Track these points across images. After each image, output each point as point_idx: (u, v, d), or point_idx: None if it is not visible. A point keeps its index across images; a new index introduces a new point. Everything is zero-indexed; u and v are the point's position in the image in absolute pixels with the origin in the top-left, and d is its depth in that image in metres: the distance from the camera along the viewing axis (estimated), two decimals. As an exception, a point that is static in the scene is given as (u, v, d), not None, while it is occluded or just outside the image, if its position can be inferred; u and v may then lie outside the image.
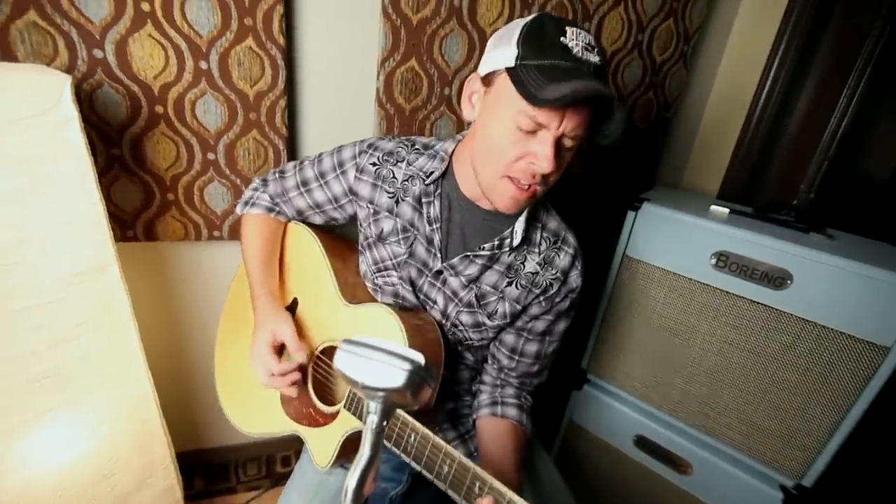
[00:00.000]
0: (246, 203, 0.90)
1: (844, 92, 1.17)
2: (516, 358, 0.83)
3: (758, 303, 0.97)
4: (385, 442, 0.67)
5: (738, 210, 1.10)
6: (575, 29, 0.62)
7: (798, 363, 0.95)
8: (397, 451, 0.67)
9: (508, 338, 0.83)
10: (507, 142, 0.65)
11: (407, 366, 0.41)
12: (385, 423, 0.45)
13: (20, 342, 0.72)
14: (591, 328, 1.23)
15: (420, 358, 0.43)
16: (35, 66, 0.77)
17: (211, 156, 0.98)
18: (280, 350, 0.80)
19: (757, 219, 1.06)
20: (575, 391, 1.30)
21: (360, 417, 0.74)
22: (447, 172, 0.79)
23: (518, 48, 0.63)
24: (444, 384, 0.84)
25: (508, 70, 0.63)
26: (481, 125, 0.69)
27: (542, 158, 0.63)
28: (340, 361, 0.43)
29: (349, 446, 0.77)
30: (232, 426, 0.92)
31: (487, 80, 0.68)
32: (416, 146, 0.82)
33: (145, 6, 0.83)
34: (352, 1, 0.96)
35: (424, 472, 0.64)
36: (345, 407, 0.76)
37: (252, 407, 0.90)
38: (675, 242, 1.05)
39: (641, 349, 1.15)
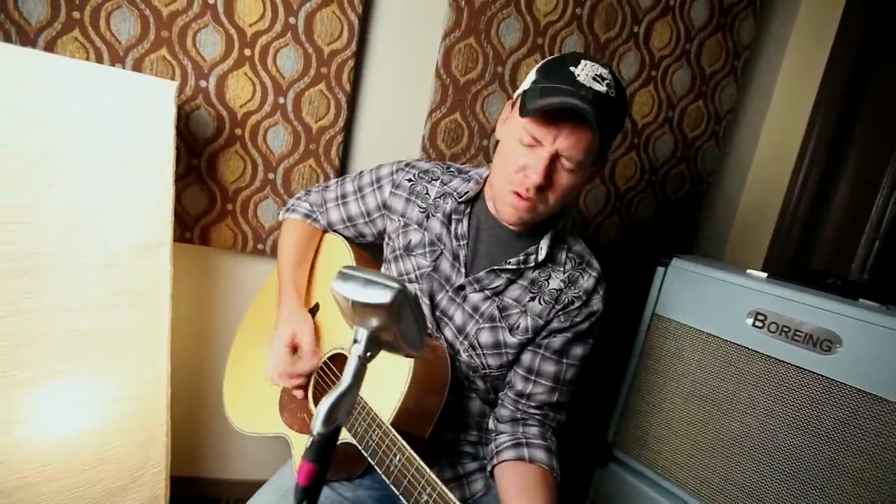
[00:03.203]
0: (288, 209, 0.99)
1: (889, 166, 1.15)
2: (532, 379, 0.79)
3: (803, 369, 0.87)
4: (369, 458, 0.64)
5: (778, 276, 1.05)
6: (589, 62, 0.69)
7: (860, 445, 0.81)
8: (379, 470, 0.64)
9: (525, 357, 0.80)
10: (511, 154, 0.72)
11: (395, 285, 0.42)
12: (369, 353, 0.45)
13: (72, 296, 0.79)
14: (618, 395, 1.14)
15: (410, 286, 0.44)
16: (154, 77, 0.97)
17: (271, 176, 1.12)
18: (295, 349, 0.82)
19: (798, 284, 1.00)
20: (599, 469, 1.16)
21: (352, 429, 0.71)
22: (479, 195, 0.85)
23: (535, 75, 0.72)
24: (447, 410, 0.80)
25: (523, 93, 0.72)
26: (501, 142, 0.77)
27: (532, 170, 0.69)
28: (336, 284, 0.45)
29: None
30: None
31: (513, 104, 0.77)
32: (451, 169, 0.90)
33: (247, 52, 1.04)
34: (411, 60, 1.14)
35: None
36: None
37: (251, 403, 0.89)
38: (708, 300, 1.00)
39: (674, 421, 1.03)
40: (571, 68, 0.68)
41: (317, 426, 0.41)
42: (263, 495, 0.77)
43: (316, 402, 0.81)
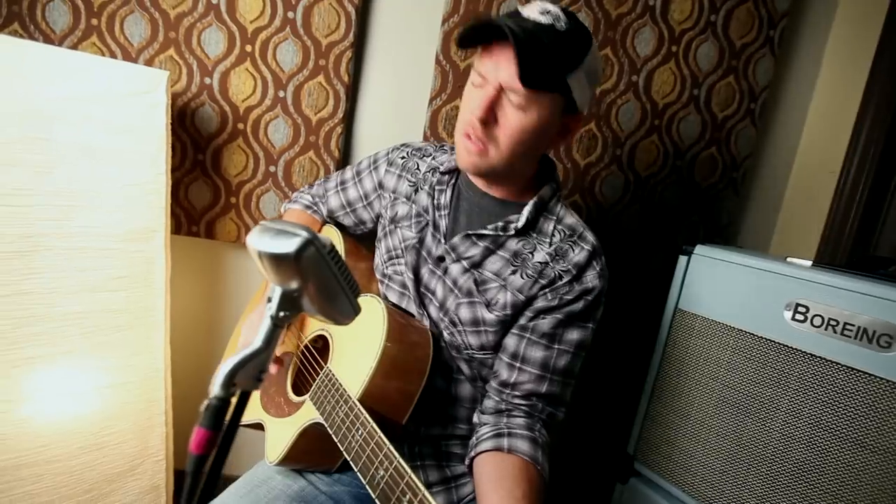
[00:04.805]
0: (290, 200, 1.00)
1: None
2: (517, 366, 0.71)
3: (856, 369, 0.73)
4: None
5: (826, 264, 0.90)
6: (542, 3, 0.67)
7: (934, 464, 0.66)
8: (341, 448, 0.59)
9: (510, 341, 0.72)
10: (465, 100, 0.70)
11: (303, 233, 0.38)
12: (283, 314, 0.41)
13: (68, 278, 0.82)
14: (639, 402, 1.02)
15: (326, 238, 0.40)
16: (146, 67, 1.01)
17: (272, 168, 1.12)
18: None
19: (849, 271, 0.85)
20: (619, 484, 1.03)
21: (321, 408, 0.67)
22: None
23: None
24: (433, 396, 0.73)
25: None
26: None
27: (476, 106, 0.65)
28: (250, 236, 0.42)
29: (303, 444, 0.69)
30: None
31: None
32: (444, 146, 0.88)
33: (248, 48, 1.07)
34: (410, 47, 1.12)
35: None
36: (310, 398, 0.70)
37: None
38: (739, 292, 0.88)
39: (703, 431, 0.90)
40: (520, 7, 0.67)
41: (214, 388, 0.37)
42: (235, 487, 0.74)
43: (294, 389, 0.78)
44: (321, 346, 0.80)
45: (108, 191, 0.84)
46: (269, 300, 0.41)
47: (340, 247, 0.89)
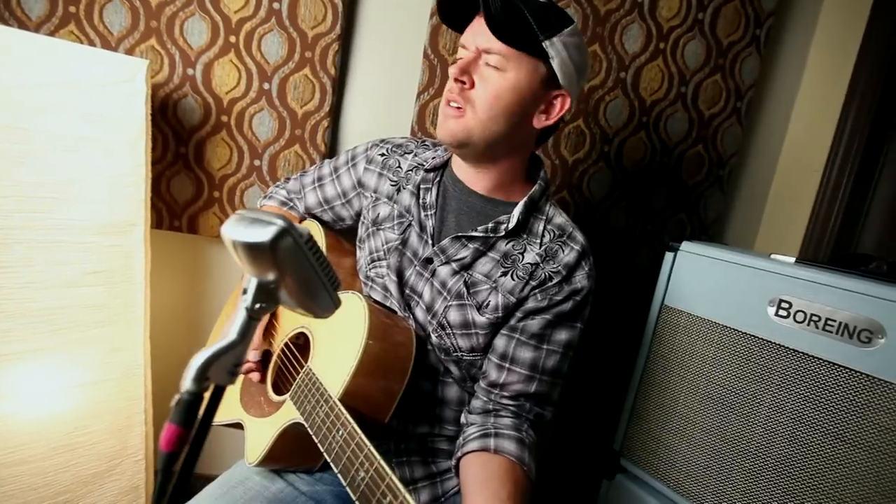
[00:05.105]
0: (266, 196, 0.97)
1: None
2: (506, 366, 0.70)
3: (837, 364, 0.73)
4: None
5: (808, 261, 0.91)
6: None
7: (912, 457, 0.66)
8: (321, 449, 0.58)
9: (499, 342, 0.71)
10: (450, 76, 0.69)
11: (278, 222, 0.37)
12: (258, 306, 0.39)
13: (42, 272, 0.80)
14: (625, 398, 1.02)
15: (303, 227, 0.38)
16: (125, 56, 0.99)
17: (257, 162, 1.10)
18: None
19: (832, 267, 0.86)
20: (606, 480, 1.03)
21: (301, 407, 0.65)
22: (448, 165, 0.79)
23: None
24: (421, 398, 0.73)
25: None
26: None
27: (453, 67, 0.66)
28: (225, 226, 0.40)
29: (284, 445, 0.68)
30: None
31: None
32: (426, 143, 0.86)
33: (232, 39, 1.05)
34: (398, 41, 1.11)
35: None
36: (290, 397, 0.69)
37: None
38: (723, 288, 0.88)
39: (688, 427, 0.91)
40: None
41: (186, 382, 0.35)
42: (211, 487, 0.72)
43: (275, 388, 0.76)
44: (302, 342, 0.78)
45: (86, 182, 0.81)
46: (245, 291, 0.39)
47: (322, 241, 0.88)
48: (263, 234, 0.36)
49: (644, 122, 1.17)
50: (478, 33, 0.66)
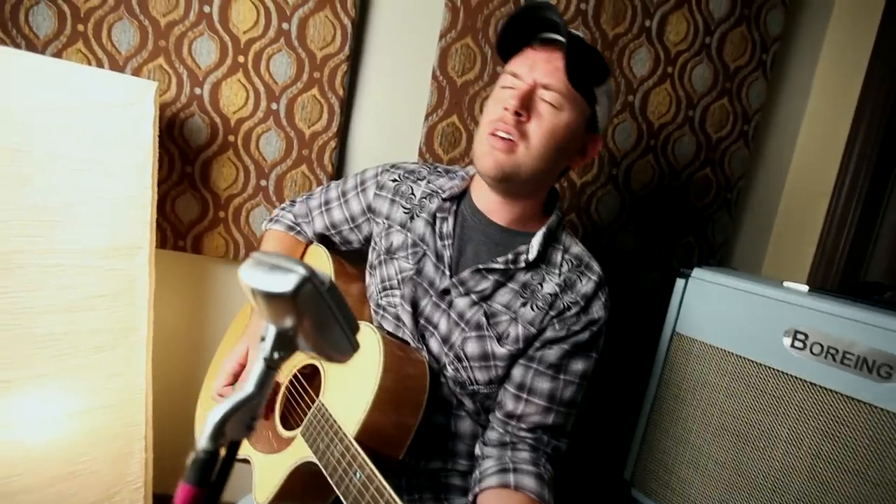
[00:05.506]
0: (271, 220, 0.96)
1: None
2: (524, 397, 0.69)
3: (856, 399, 0.72)
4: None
5: (822, 290, 0.90)
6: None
7: (936, 499, 0.65)
8: (337, 491, 0.56)
9: (516, 372, 0.70)
10: (491, 103, 0.69)
11: (301, 270, 0.35)
12: (277, 355, 0.38)
13: (43, 296, 0.78)
14: (636, 426, 1.00)
15: (324, 273, 0.37)
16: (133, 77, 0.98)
17: (263, 182, 1.09)
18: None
19: (847, 298, 0.85)
20: (615, 511, 1.01)
21: (314, 446, 0.63)
22: (465, 194, 0.79)
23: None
24: (433, 432, 0.71)
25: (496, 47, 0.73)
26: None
27: (510, 98, 0.65)
28: (243, 270, 0.39)
29: (295, 483, 0.65)
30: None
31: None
32: (438, 169, 0.85)
33: (241, 59, 1.04)
34: (407, 62, 1.10)
35: None
36: (301, 434, 0.67)
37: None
38: (737, 316, 0.87)
39: (701, 458, 0.89)
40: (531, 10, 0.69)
41: (202, 440, 0.34)
42: None
43: (283, 421, 0.74)
44: (309, 372, 0.76)
45: (91, 205, 0.80)
46: (263, 339, 0.38)
47: (330, 268, 0.86)
48: (285, 284, 0.35)
49: (652, 145, 1.17)
50: (536, 67, 0.66)
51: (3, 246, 0.73)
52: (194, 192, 1.07)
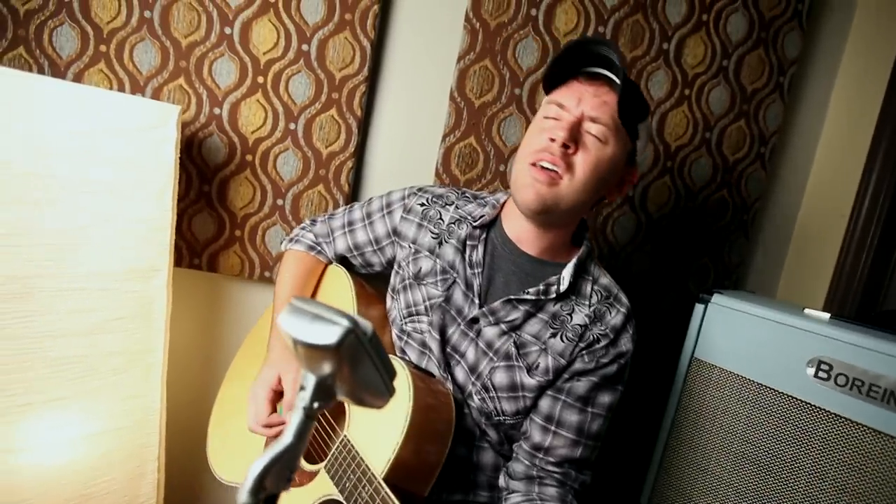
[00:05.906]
0: (290, 239, 0.95)
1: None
2: (552, 429, 0.68)
3: (884, 434, 0.71)
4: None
5: (844, 318, 0.89)
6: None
7: (969, 540, 0.64)
8: None
9: (544, 403, 0.70)
10: (534, 133, 0.69)
11: (344, 322, 0.35)
12: (317, 404, 0.37)
13: (63, 320, 0.78)
14: (653, 451, 0.99)
15: (366, 323, 0.37)
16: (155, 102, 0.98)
17: (280, 202, 1.09)
18: (280, 395, 0.76)
19: (870, 327, 0.84)
20: (631, 538, 1.00)
21: (340, 484, 0.62)
22: (496, 221, 0.78)
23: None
24: (455, 464, 0.70)
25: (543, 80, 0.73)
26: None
27: (557, 128, 0.65)
28: (282, 318, 0.39)
29: None
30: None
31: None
32: (467, 194, 0.85)
33: (260, 79, 1.05)
34: (425, 83, 1.11)
35: None
36: (325, 468, 0.66)
37: (234, 450, 0.83)
38: (758, 344, 0.86)
39: (721, 487, 0.88)
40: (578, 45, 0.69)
41: (243, 496, 0.33)
42: None
43: (305, 454, 0.73)
44: (336, 406, 0.76)
45: (111, 228, 0.80)
46: (302, 388, 0.37)
47: (351, 291, 0.86)
48: (329, 336, 0.34)
49: (669, 166, 1.17)
50: (585, 100, 0.66)
51: (22, 270, 0.74)
52: (211, 210, 1.08)
